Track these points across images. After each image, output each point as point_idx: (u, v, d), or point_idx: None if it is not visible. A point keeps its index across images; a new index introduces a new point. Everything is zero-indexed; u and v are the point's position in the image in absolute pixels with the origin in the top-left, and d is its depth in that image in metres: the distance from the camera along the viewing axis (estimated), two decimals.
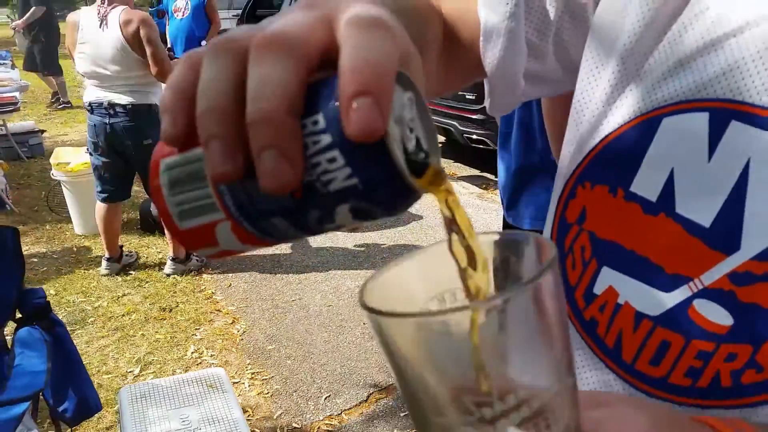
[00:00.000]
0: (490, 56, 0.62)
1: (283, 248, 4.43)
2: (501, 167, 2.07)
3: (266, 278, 3.97)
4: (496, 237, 0.32)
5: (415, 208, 5.05)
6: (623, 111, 0.55)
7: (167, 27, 6.74)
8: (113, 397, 2.67)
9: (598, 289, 0.55)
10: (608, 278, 0.54)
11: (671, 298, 0.51)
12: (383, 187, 0.27)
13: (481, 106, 5.50)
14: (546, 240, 0.30)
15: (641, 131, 0.53)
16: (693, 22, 0.52)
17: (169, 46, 6.42)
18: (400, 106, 0.28)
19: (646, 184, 0.52)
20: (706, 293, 0.49)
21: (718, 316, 0.49)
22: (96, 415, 2.52)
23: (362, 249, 4.40)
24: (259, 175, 0.27)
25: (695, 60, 0.51)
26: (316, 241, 4.52)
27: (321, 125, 0.27)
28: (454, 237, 0.31)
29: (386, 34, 0.28)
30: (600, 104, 0.57)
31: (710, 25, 0.51)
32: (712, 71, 0.50)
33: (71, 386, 1.93)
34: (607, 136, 0.55)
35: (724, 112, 0.49)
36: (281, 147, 0.27)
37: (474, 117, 5.48)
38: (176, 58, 4.00)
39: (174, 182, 0.31)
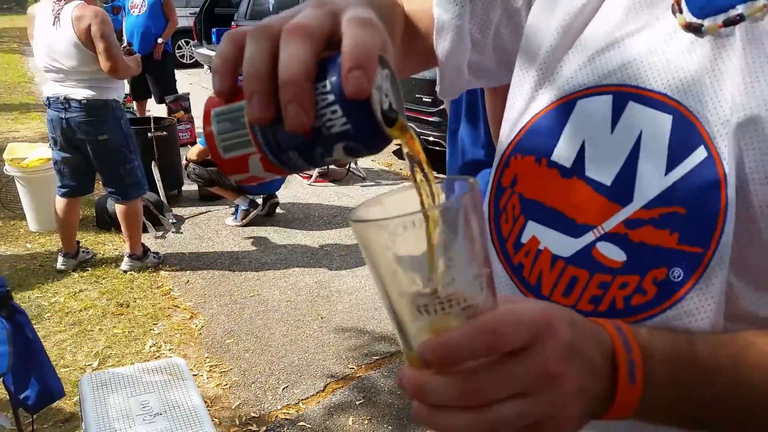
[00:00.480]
0: (441, 47, 0.75)
1: (242, 246, 4.47)
2: (450, 162, 2.18)
3: (224, 275, 4.01)
4: (445, 179, 0.47)
5: None
6: (546, 97, 0.69)
7: (123, 23, 6.69)
8: (71, 390, 2.69)
9: (525, 238, 0.68)
10: (532, 230, 0.68)
11: (579, 243, 0.65)
12: (366, 132, 0.40)
13: (438, 108, 5.62)
14: (473, 178, 0.43)
15: (560, 112, 0.67)
16: (601, 26, 0.67)
17: (125, 42, 6.38)
18: (380, 79, 0.40)
19: (564, 153, 0.66)
20: (606, 237, 0.63)
21: (614, 254, 0.62)
22: (55, 406, 2.55)
23: (321, 247, 4.48)
24: (284, 120, 0.39)
25: (601, 55, 0.66)
26: (275, 238, 4.58)
27: (327, 88, 0.39)
28: (416, 168, 0.44)
29: (374, 30, 0.40)
30: (528, 92, 0.71)
31: (614, 28, 0.66)
32: (615, 63, 0.65)
33: (33, 373, 1.96)
34: (534, 116, 0.70)
35: (624, 95, 0.63)
36: (301, 101, 0.38)
37: (430, 119, 5.61)
38: (136, 53, 3.98)
39: (221, 124, 0.42)
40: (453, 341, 0.40)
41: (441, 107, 5.27)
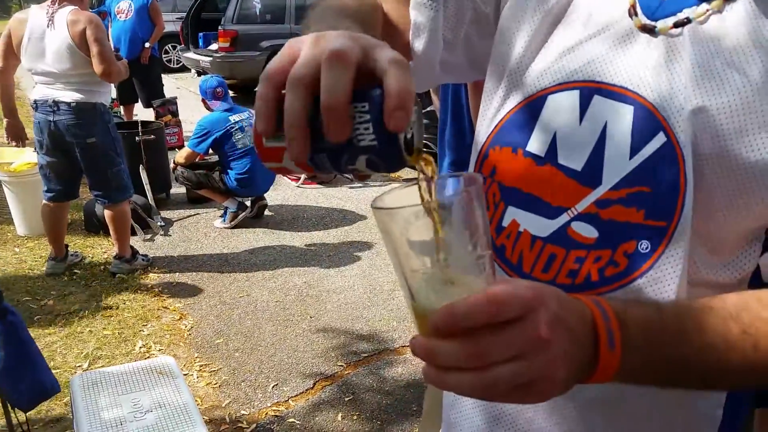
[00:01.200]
0: (417, 46, 0.82)
1: (231, 247, 4.50)
2: (440, 162, 2.23)
3: (213, 276, 4.04)
4: (450, 175, 0.55)
5: (360, 209, 5.19)
6: (519, 94, 0.76)
7: (110, 28, 6.70)
8: (62, 391, 2.71)
9: (505, 222, 0.76)
10: (512, 214, 0.75)
11: (555, 223, 0.72)
12: (389, 152, 0.48)
13: (426, 110, 5.67)
14: (477, 174, 0.52)
15: (533, 107, 0.75)
16: (568, 28, 0.75)
17: (115, 46, 6.39)
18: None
19: (538, 144, 0.74)
20: (579, 217, 0.71)
21: (587, 231, 0.70)
22: (46, 407, 2.57)
23: (309, 247, 4.52)
24: (325, 133, 0.47)
25: (569, 54, 0.73)
26: (264, 240, 4.62)
27: (366, 108, 0.47)
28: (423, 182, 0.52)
29: (410, 73, 0.47)
30: (503, 91, 0.79)
31: (579, 30, 0.74)
32: (580, 61, 0.72)
33: (27, 372, 1.98)
34: (508, 112, 0.77)
35: (590, 90, 0.71)
36: (342, 122, 0.46)
37: None
38: (123, 58, 4.01)
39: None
40: (460, 310, 0.47)
41: (429, 109, 5.32)
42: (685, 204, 0.65)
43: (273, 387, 2.89)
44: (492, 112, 0.79)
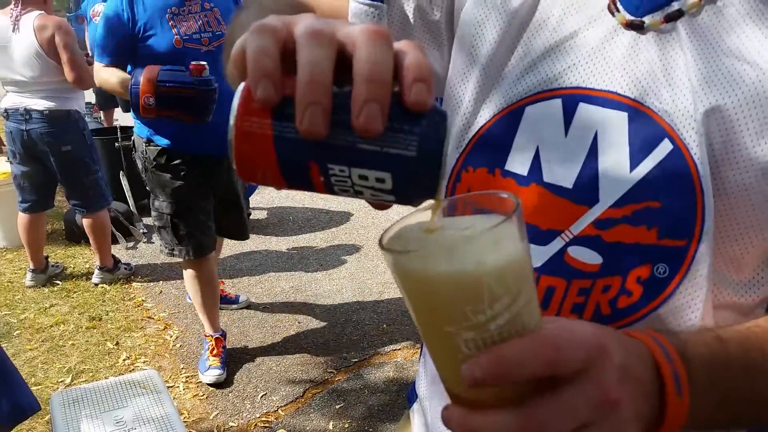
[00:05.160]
0: None
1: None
2: None
3: None
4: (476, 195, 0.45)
5: (346, 207, 5.13)
6: (491, 106, 0.67)
7: (86, 32, 6.57)
8: (43, 408, 2.63)
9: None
10: None
11: (549, 250, 0.62)
12: (427, 166, 0.37)
13: None
14: (506, 192, 0.41)
15: (509, 120, 0.65)
16: (539, 30, 0.66)
17: (88, 51, 6.27)
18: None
19: (518, 161, 0.64)
20: (576, 240, 0.61)
21: (589, 257, 0.60)
22: (26, 426, 2.49)
23: (296, 251, 4.45)
24: (359, 118, 0.36)
25: (545, 59, 0.64)
26: (250, 244, 4.53)
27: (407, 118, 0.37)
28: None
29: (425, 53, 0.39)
30: (470, 103, 0.68)
31: (552, 31, 0.65)
32: (560, 66, 0.63)
33: (3, 392, 1.90)
34: (481, 128, 0.67)
35: (573, 97, 0.62)
36: (384, 103, 0.36)
37: None
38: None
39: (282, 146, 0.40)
40: (511, 355, 0.37)
41: None
42: (706, 217, 0.57)
43: (262, 396, 2.82)
44: (459, 129, 0.70)
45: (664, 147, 0.58)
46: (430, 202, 0.41)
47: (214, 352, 2.99)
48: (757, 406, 0.50)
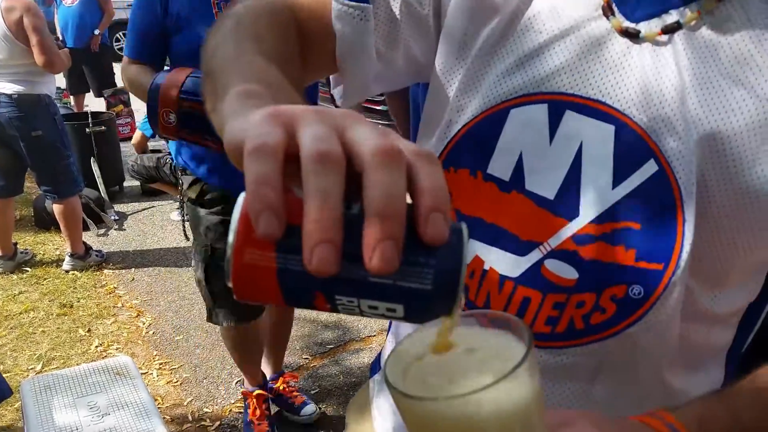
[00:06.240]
0: (345, 62, 0.69)
1: (189, 241, 4.37)
2: None
3: (171, 271, 3.92)
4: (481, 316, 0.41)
5: None
6: (474, 105, 0.64)
7: (55, 15, 6.43)
8: (13, 395, 2.59)
9: (467, 259, 0.66)
10: (474, 249, 0.64)
11: (526, 261, 0.61)
12: (443, 297, 0.35)
13: (383, 97, 5.62)
14: (521, 321, 0.39)
15: (493, 121, 0.63)
16: (527, 28, 0.63)
17: (57, 35, 6.14)
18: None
19: (500, 166, 0.62)
20: (554, 254, 0.60)
21: (565, 271, 0.60)
22: None
23: None
24: (372, 258, 0.32)
25: (533, 59, 0.62)
26: None
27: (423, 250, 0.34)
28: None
29: (440, 168, 0.35)
30: (456, 99, 0.66)
31: (543, 30, 0.62)
32: (547, 69, 0.61)
33: None
34: (464, 126, 0.65)
35: (560, 104, 0.60)
36: (399, 241, 0.32)
37: (378, 108, 5.60)
38: (66, 47, 3.84)
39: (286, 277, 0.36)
40: None
41: (381, 108, 5.26)
42: (684, 244, 0.56)
43: (237, 383, 2.82)
44: (441, 127, 0.67)
45: (649, 167, 0.57)
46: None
47: (257, 413, 2.42)
48: None
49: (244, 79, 0.47)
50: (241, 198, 0.35)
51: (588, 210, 0.58)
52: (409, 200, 0.34)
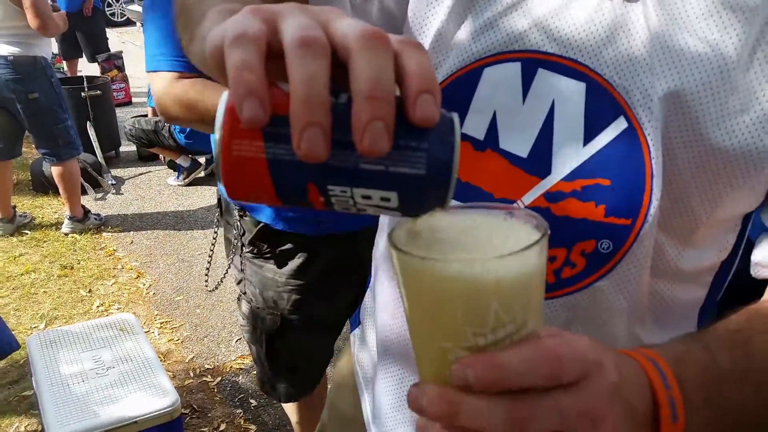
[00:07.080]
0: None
1: (186, 205, 4.41)
2: None
3: (170, 234, 3.97)
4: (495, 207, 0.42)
5: None
6: (448, 64, 0.64)
7: None
8: (20, 351, 2.65)
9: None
10: None
11: None
12: (437, 182, 0.35)
13: None
14: (539, 216, 0.40)
15: (466, 81, 0.62)
16: None
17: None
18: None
19: (475, 125, 0.62)
20: None
21: None
22: (1, 368, 2.51)
23: None
24: (362, 138, 0.32)
25: (503, 18, 0.61)
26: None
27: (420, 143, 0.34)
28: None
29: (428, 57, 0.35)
30: (430, 56, 0.64)
31: None
32: (519, 27, 0.61)
33: None
34: (439, 84, 0.63)
35: (533, 62, 0.60)
36: (389, 122, 0.32)
37: None
38: (61, 10, 3.82)
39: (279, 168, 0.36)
40: (510, 365, 0.36)
41: None
42: (652, 199, 0.57)
43: (237, 341, 2.88)
44: None
45: (619, 124, 0.57)
46: None
47: None
48: (747, 411, 0.51)
49: (223, 2, 0.47)
50: (225, 93, 0.34)
51: (559, 168, 0.59)
52: (397, 92, 0.34)
